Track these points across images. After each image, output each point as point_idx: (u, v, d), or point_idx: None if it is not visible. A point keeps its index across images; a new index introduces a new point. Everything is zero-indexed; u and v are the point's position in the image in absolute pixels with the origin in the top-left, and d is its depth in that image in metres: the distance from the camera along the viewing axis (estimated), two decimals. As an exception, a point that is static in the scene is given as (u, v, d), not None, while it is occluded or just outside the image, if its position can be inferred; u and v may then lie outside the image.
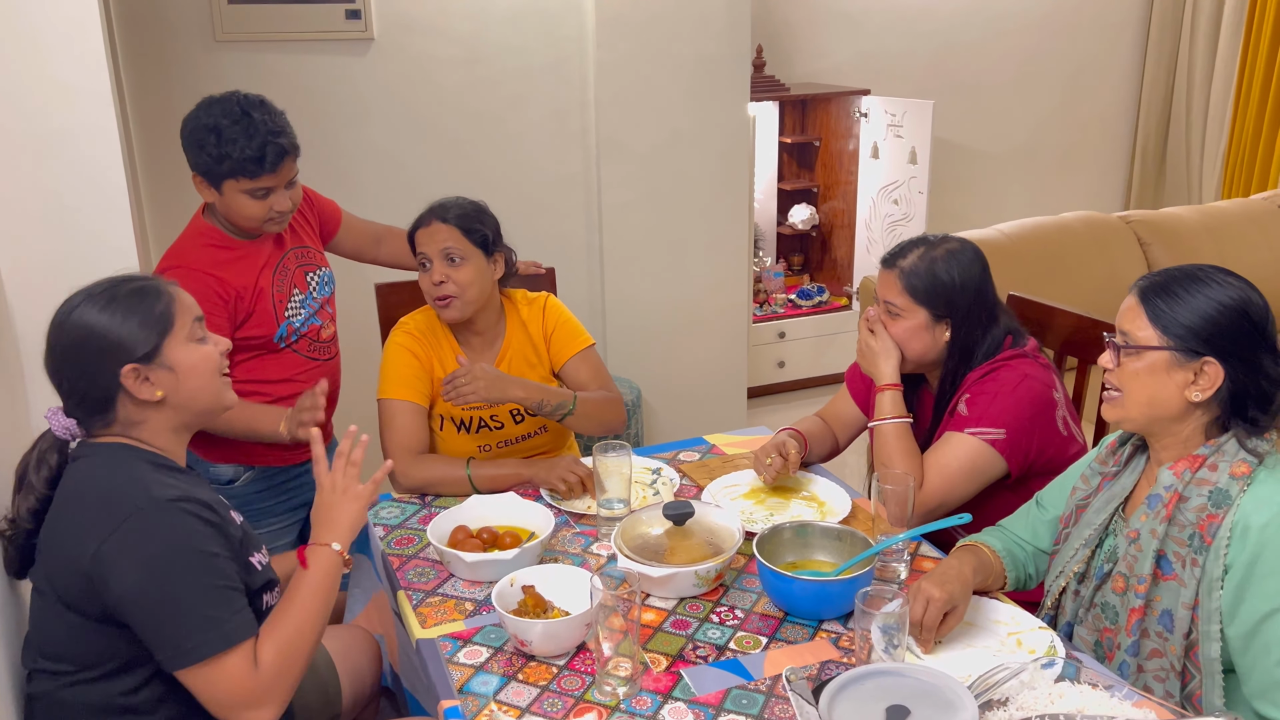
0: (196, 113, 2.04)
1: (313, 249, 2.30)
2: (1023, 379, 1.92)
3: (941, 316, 1.95)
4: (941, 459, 1.90)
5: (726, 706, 1.45)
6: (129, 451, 1.47)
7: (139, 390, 1.45)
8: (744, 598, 1.72)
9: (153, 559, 1.36)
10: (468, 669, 1.55)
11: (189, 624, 1.36)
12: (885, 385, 1.98)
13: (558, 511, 1.97)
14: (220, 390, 1.55)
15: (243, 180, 2.02)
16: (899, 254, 1.98)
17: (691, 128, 3.47)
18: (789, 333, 4.45)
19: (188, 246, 2.10)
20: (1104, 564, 1.61)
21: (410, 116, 3.21)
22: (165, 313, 1.47)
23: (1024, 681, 1.43)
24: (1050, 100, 5.08)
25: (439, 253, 2.11)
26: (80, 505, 1.41)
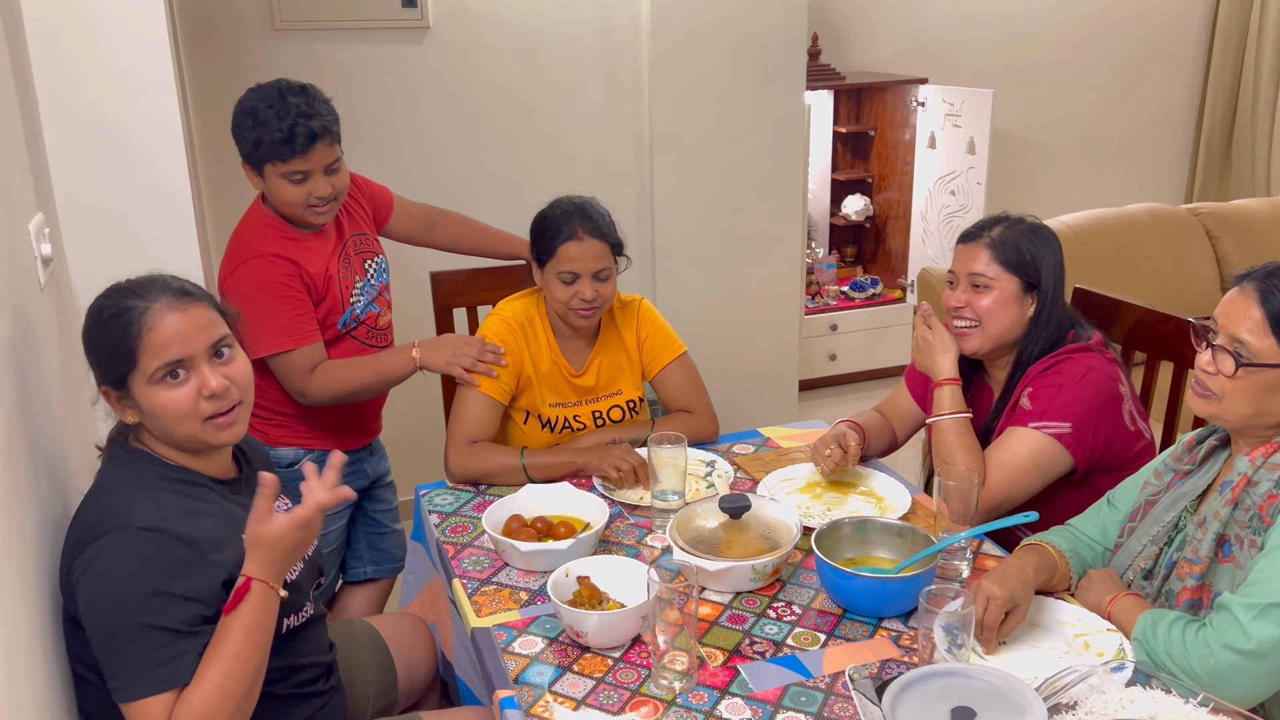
0: (241, 99, 2.06)
1: (369, 236, 2.31)
2: (1088, 371, 1.87)
3: (1031, 287, 1.92)
4: (1004, 455, 1.86)
5: (785, 703, 1.43)
6: (144, 462, 1.44)
7: (116, 409, 1.44)
8: (801, 593, 1.70)
9: (104, 586, 1.31)
10: (523, 659, 1.55)
11: (121, 660, 1.31)
12: (944, 380, 1.94)
13: (611, 502, 1.96)
14: (199, 432, 1.42)
15: (277, 164, 2.02)
16: (983, 228, 1.95)
17: (745, 117, 3.43)
18: (841, 325, 4.40)
19: (256, 236, 2.11)
20: (1173, 555, 1.57)
21: (463, 105, 3.21)
22: (129, 351, 1.38)
23: (1093, 685, 1.39)
24: (1111, 90, 4.96)
25: (590, 272, 2.09)
26: (81, 513, 1.40)
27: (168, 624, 1.32)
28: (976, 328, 1.93)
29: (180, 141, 2.06)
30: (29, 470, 1.39)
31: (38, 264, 1.64)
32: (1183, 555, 1.53)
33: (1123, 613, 1.55)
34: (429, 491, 2.07)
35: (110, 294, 1.43)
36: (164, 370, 1.38)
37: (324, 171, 2.06)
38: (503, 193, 3.20)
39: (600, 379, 2.22)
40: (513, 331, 2.16)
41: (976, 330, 1.94)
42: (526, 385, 2.16)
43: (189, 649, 1.33)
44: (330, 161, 2.07)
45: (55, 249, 1.82)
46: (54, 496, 1.53)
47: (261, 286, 2.04)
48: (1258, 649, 1.36)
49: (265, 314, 2.04)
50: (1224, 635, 1.39)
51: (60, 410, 1.68)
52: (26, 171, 1.68)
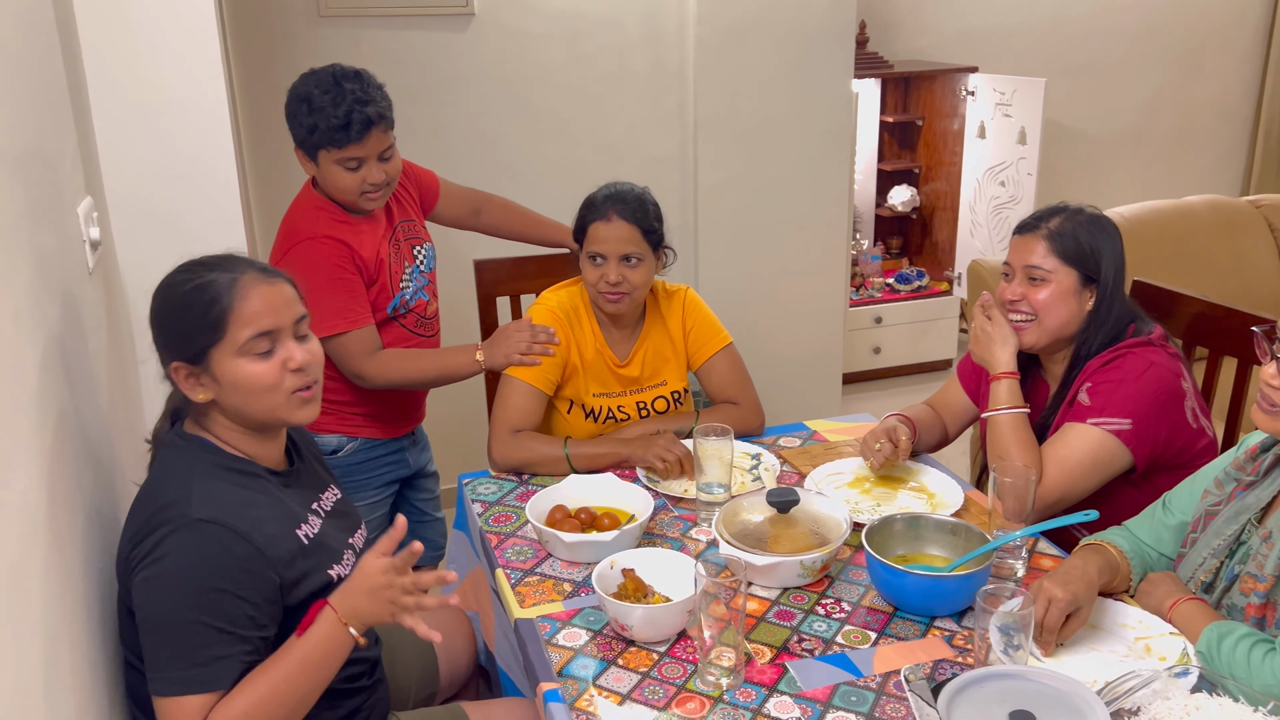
0: (295, 84, 2.06)
1: (417, 222, 2.30)
2: (1149, 366, 1.81)
3: (1090, 281, 1.86)
4: (1061, 451, 1.80)
5: (835, 703, 1.40)
6: (201, 451, 1.42)
7: (187, 389, 1.40)
8: (851, 590, 1.66)
9: (158, 577, 1.30)
10: (567, 651, 1.52)
11: (164, 654, 1.29)
12: (1001, 374, 1.88)
13: (655, 494, 1.93)
14: (278, 407, 1.41)
15: (332, 150, 2.02)
16: (1041, 219, 1.89)
17: (791, 105, 3.38)
18: (885, 318, 4.34)
19: (308, 219, 2.11)
20: (1235, 567, 1.51)
21: (508, 92, 3.19)
22: (218, 321, 1.37)
23: (1156, 690, 1.34)
24: (1166, 79, 4.84)
25: (617, 254, 2.06)
26: (139, 502, 1.38)
27: (216, 622, 1.30)
28: (1033, 322, 1.88)
29: (227, 126, 2.06)
30: (76, 457, 1.39)
31: (86, 248, 1.64)
32: (1246, 570, 1.47)
33: (1186, 618, 1.49)
34: (472, 480, 2.05)
35: (189, 269, 1.41)
36: (254, 341, 1.37)
37: (378, 158, 2.05)
38: (546, 180, 3.18)
39: (645, 369, 2.19)
40: (557, 320, 2.13)
41: (1033, 324, 1.88)
42: (571, 375, 2.14)
43: (233, 653, 1.31)
44: (384, 148, 2.06)
45: (103, 233, 1.83)
46: (100, 481, 1.53)
47: (315, 268, 2.04)
48: None
49: (319, 296, 2.04)
50: None
51: (108, 394, 1.68)
52: (76, 156, 1.68)
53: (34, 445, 1.16)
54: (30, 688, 1.04)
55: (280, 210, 2.18)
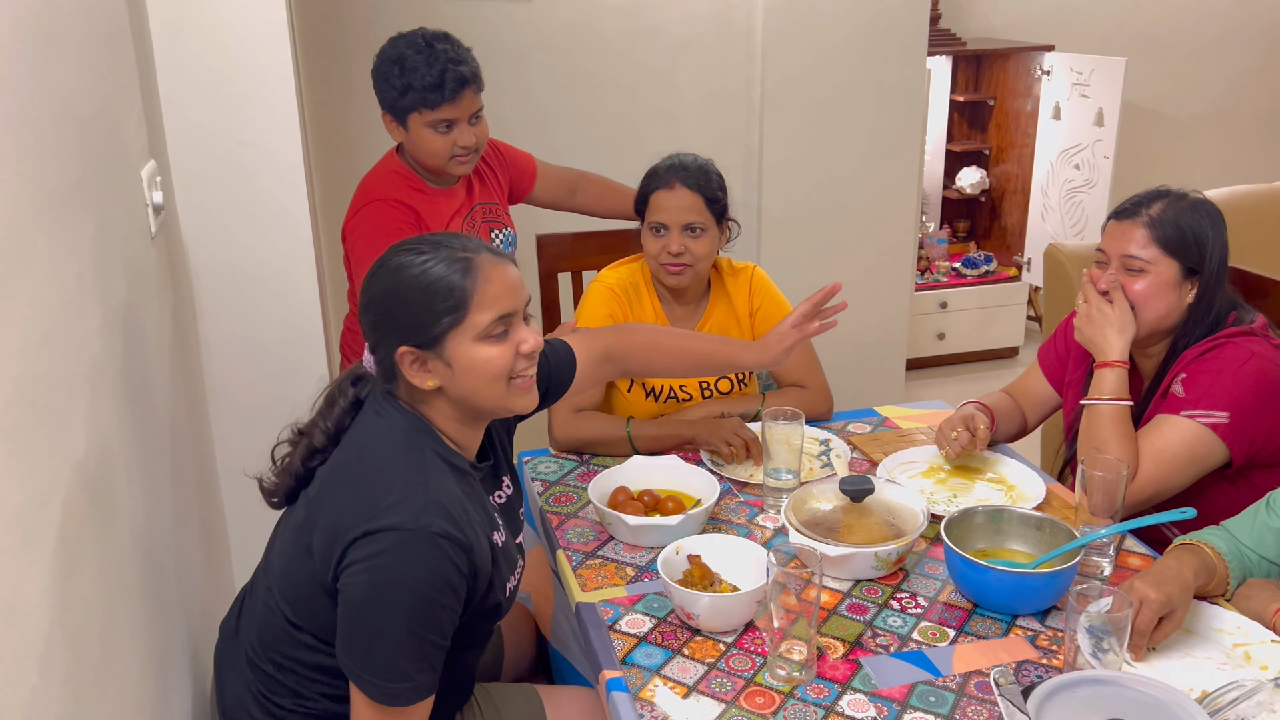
0: (384, 48, 2.04)
1: (499, 206, 2.26)
2: (1250, 357, 1.70)
3: (1192, 273, 1.74)
4: (1156, 444, 1.70)
5: (913, 703, 1.33)
6: (423, 433, 1.35)
7: (412, 375, 1.33)
8: (927, 585, 1.59)
9: (383, 585, 1.25)
10: (630, 639, 1.47)
11: (379, 660, 1.26)
12: (1112, 361, 1.75)
13: (720, 478, 1.87)
14: (506, 396, 1.36)
15: (425, 112, 2.00)
16: (1141, 204, 1.77)
17: (862, 83, 3.28)
18: (951, 303, 4.22)
19: (383, 181, 2.09)
20: (1350, 574, 1.41)
21: (571, 64, 3.13)
22: (459, 303, 1.30)
23: (1261, 702, 1.26)
24: (1253, 60, 4.63)
25: (680, 223, 2.00)
26: (357, 480, 1.31)
27: (433, 636, 1.28)
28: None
29: (292, 92, 2.03)
30: (136, 421, 1.36)
31: (149, 211, 1.61)
32: None
33: None
34: (532, 459, 2.01)
35: (412, 249, 1.33)
36: (495, 325, 1.31)
37: (469, 120, 2.03)
38: (609, 154, 3.11)
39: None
40: (617, 297, 2.08)
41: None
42: None
43: (440, 663, 1.30)
44: (476, 110, 2.04)
45: (166, 197, 1.80)
46: (160, 448, 1.51)
47: (379, 230, 2.02)
48: None
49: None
50: None
51: (169, 359, 1.66)
52: (140, 118, 1.65)
53: (93, 409, 1.13)
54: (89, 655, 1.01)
55: (341, 178, 2.16)
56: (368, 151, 2.35)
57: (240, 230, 2.06)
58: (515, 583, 1.46)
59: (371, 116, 2.18)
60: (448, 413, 1.37)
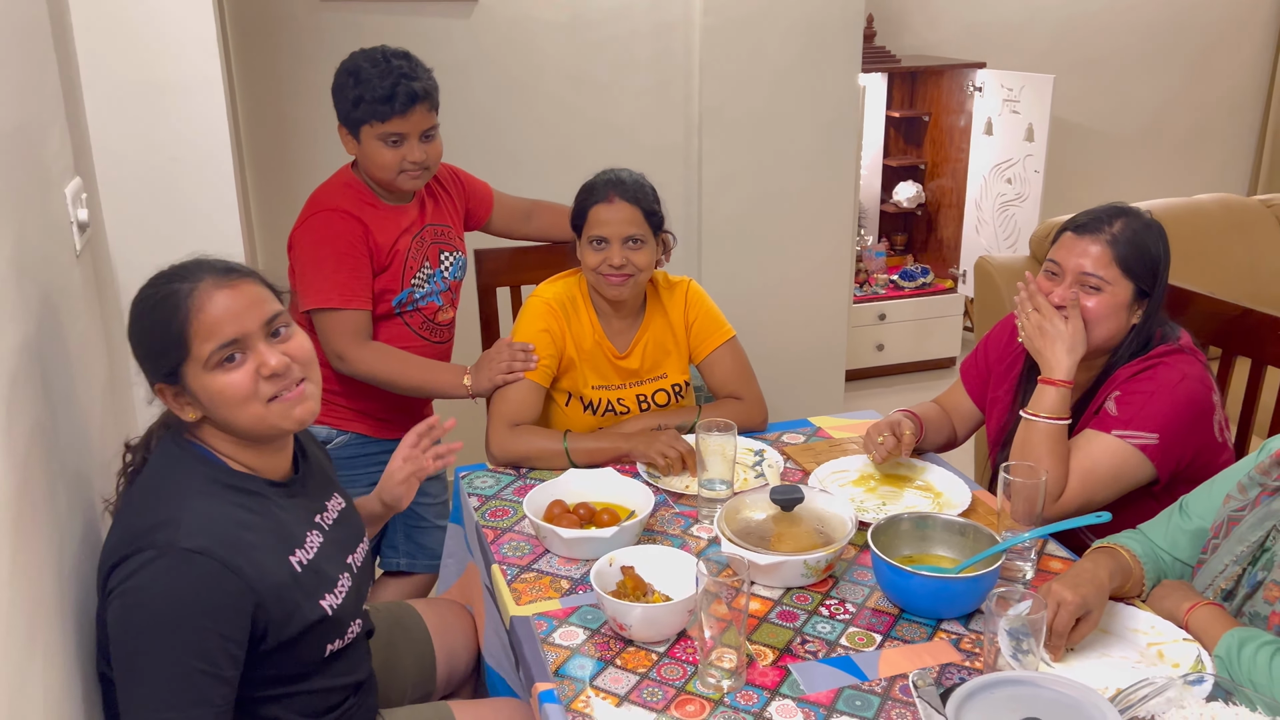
0: (344, 61, 2.06)
1: (452, 230, 2.27)
2: (1182, 379, 1.73)
3: (1143, 295, 1.76)
4: (1085, 462, 1.73)
5: (839, 707, 1.35)
6: (198, 464, 1.33)
7: (175, 408, 1.33)
8: (856, 591, 1.62)
9: (138, 608, 1.21)
10: (564, 651, 1.48)
11: (142, 692, 1.21)
12: (1057, 380, 1.74)
13: (656, 490, 1.89)
14: (268, 416, 1.32)
15: (375, 124, 2.01)
16: (1102, 220, 1.76)
17: (798, 99, 3.34)
18: (889, 315, 4.29)
19: (335, 193, 2.10)
20: (1258, 574, 1.46)
21: (510, 81, 3.14)
22: (179, 337, 1.27)
23: (1170, 699, 1.30)
24: (1176, 79, 4.79)
25: (620, 236, 2.02)
26: (126, 514, 1.31)
27: (201, 665, 1.21)
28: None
29: (223, 108, 2.01)
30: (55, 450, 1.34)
31: (74, 229, 1.59)
32: (1270, 577, 1.43)
33: (1203, 624, 1.45)
34: (468, 474, 2.01)
35: (152, 283, 1.33)
36: (220, 353, 1.28)
37: (420, 137, 2.05)
38: (549, 170, 3.14)
39: (645, 361, 2.15)
40: (553, 312, 2.09)
41: None
42: (569, 367, 2.10)
43: (213, 696, 1.22)
44: (427, 127, 2.06)
45: (93, 215, 1.78)
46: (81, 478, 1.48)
47: (325, 240, 2.03)
48: None
49: (323, 268, 2.02)
50: None
51: (98, 377, 1.64)
52: (64, 135, 1.64)
53: (8, 428, 1.12)
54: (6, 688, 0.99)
55: (279, 193, 2.15)
56: (305, 167, 2.35)
57: (171, 247, 1.99)
58: (341, 600, 1.41)
59: (311, 132, 2.17)
60: (223, 437, 1.35)
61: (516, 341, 2.06)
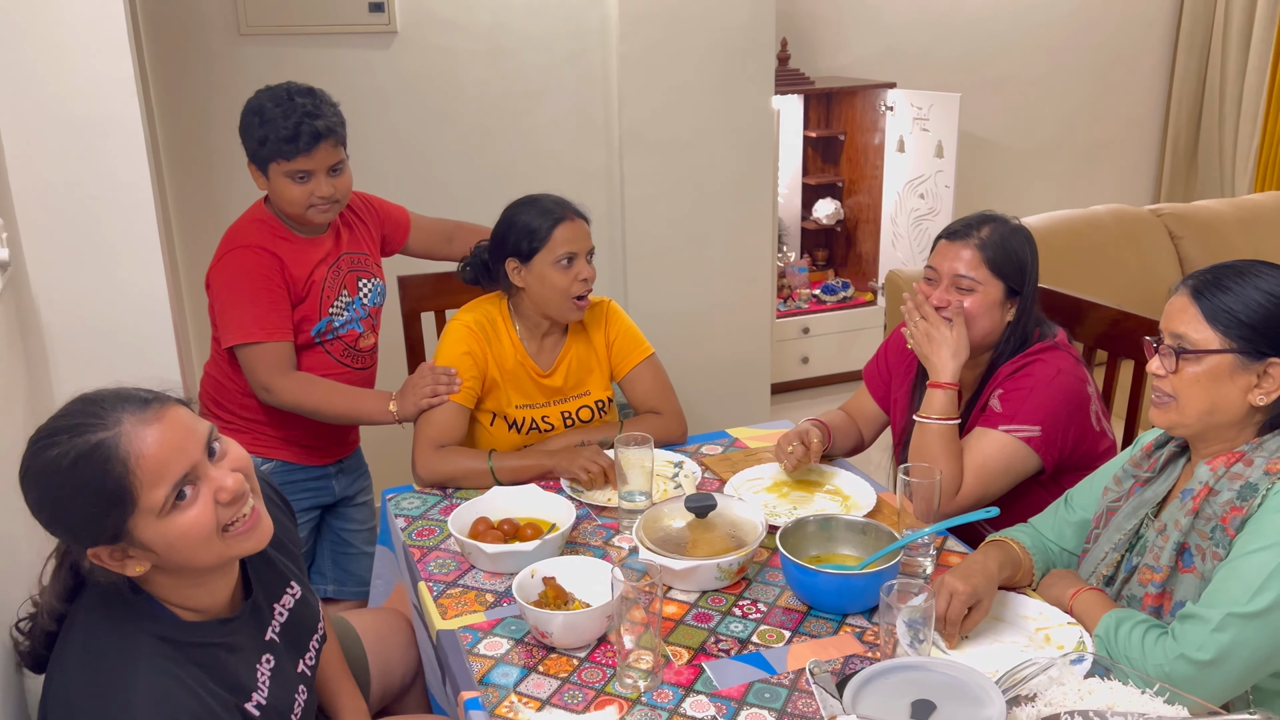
0: (250, 99, 2.09)
1: (369, 257, 2.31)
2: (1058, 374, 1.87)
3: (1014, 293, 1.90)
4: (976, 459, 1.85)
5: (749, 700, 1.43)
6: (145, 623, 1.22)
7: (119, 567, 1.18)
8: (767, 591, 1.70)
9: None
10: (488, 660, 1.54)
11: None
12: (944, 383, 1.87)
13: (579, 504, 1.96)
14: (225, 549, 1.22)
15: (282, 162, 2.04)
16: (971, 226, 1.91)
17: (715, 121, 3.44)
18: (813, 328, 4.42)
19: (248, 229, 2.13)
20: (1133, 559, 1.58)
21: (432, 109, 3.20)
22: (122, 492, 1.12)
23: (1052, 678, 1.41)
24: (1079, 95, 5.01)
25: (585, 250, 2.11)
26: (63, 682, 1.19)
27: None
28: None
29: (142, 145, 2.04)
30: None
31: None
32: (1144, 561, 1.54)
33: (1086, 607, 1.56)
34: (395, 495, 2.06)
35: (52, 439, 1.13)
36: (173, 495, 1.15)
37: (327, 172, 2.08)
38: (475, 196, 3.20)
39: (569, 379, 2.22)
40: (474, 335, 2.14)
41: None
42: (492, 387, 2.16)
43: None
44: (334, 163, 2.09)
45: (14, 253, 1.80)
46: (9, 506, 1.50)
47: (242, 275, 2.06)
48: (1215, 658, 1.36)
49: (242, 304, 2.05)
50: (1182, 645, 1.39)
51: (22, 416, 1.66)
52: (-17, 175, 1.66)
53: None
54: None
55: (203, 227, 2.18)
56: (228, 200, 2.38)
57: (93, 284, 2.06)
58: (305, 697, 1.42)
59: (233, 166, 2.20)
60: (170, 584, 1.24)
61: (439, 366, 2.11)
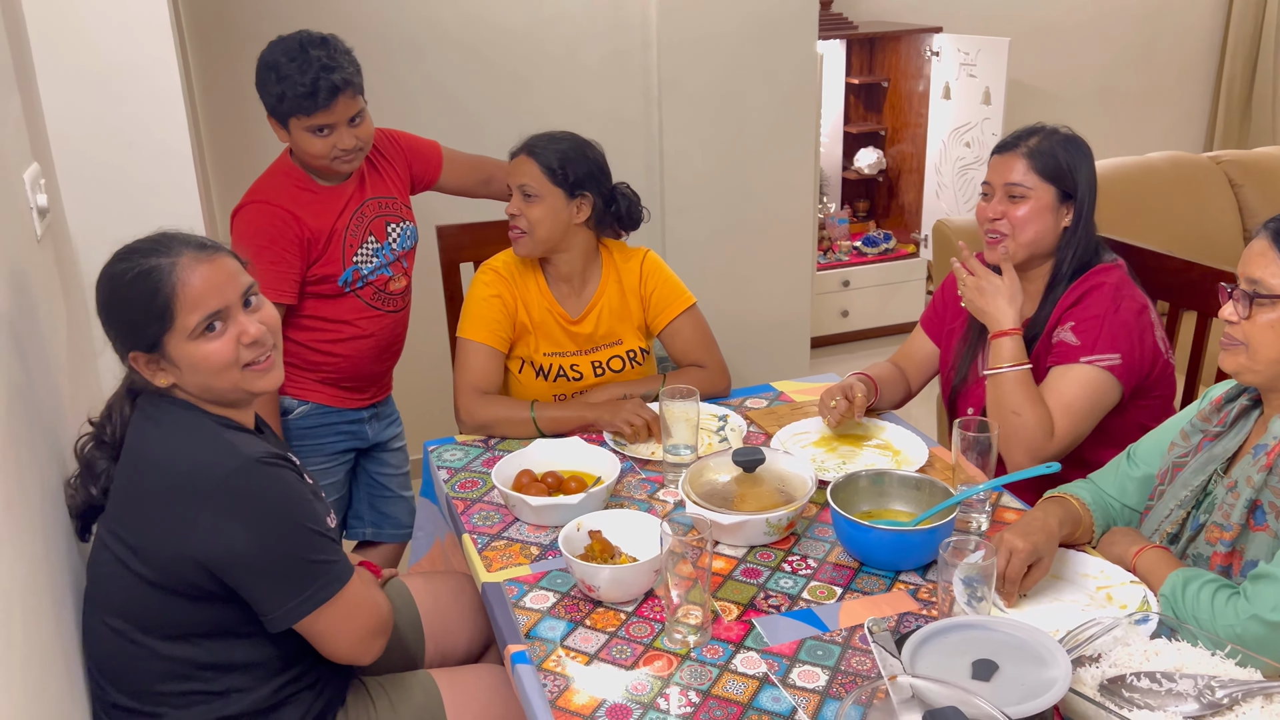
0: (263, 53, 2.04)
1: (397, 200, 2.27)
2: (1122, 296, 1.86)
3: (1067, 197, 1.89)
4: (1063, 398, 1.82)
5: (801, 657, 1.40)
6: (198, 415, 1.42)
7: (150, 375, 1.41)
8: (816, 547, 1.67)
9: (259, 518, 1.34)
10: (534, 614, 1.52)
11: (306, 572, 1.36)
12: (1008, 330, 1.85)
13: (623, 457, 1.93)
14: (242, 381, 1.42)
15: (301, 118, 2.01)
16: (1020, 138, 1.92)
17: (756, 68, 3.36)
18: (853, 281, 4.34)
19: (271, 184, 2.11)
20: (1200, 517, 1.52)
21: (469, 54, 3.14)
22: (164, 309, 1.36)
23: (1117, 638, 1.36)
24: (1130, 39, 4.85)
25: (517, 186, 2.08)
26: (166, 473, 1.35)
27: (322, 528, 1.39)
28: (1009, 238, 1.90)
29: (178, 90, 2.01)
30: (30, 429, 1.36)
31: (34, 215, 1.60)
32: (1212, 519, 1.49)
33: (1150, 566, 1.51)
34: (437, 447, 2.04)
35: (125, 257, 1.39)
36: (204, 324, 1.37)
37: (347, 123, 2.05)
38: (509, 143, 3.14)
39: (600, 327, 2.18)
40: (502, 279, 2.13)
41: (1009, 240, 1.90)
42: (521, 333, 2.13)
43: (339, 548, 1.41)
44: (353, 113, 2.05)
45: (52, 200, 1.79)
46: (55, 454, 1.50)
47: (256, 233, 2.05)
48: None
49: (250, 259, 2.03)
50: (1255, 605, 1.34)
51: (65, 359, 1.65)
52: (20, 121, 1.64)
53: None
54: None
55: (239, 172, 2.16)
56: (265, 145, 2.34)
57: (131, 230, 2.01)
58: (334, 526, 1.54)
59: (264, 111, 2.17)
60: (197, 399, 1.43)
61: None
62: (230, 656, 1.41)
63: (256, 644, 1.42)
